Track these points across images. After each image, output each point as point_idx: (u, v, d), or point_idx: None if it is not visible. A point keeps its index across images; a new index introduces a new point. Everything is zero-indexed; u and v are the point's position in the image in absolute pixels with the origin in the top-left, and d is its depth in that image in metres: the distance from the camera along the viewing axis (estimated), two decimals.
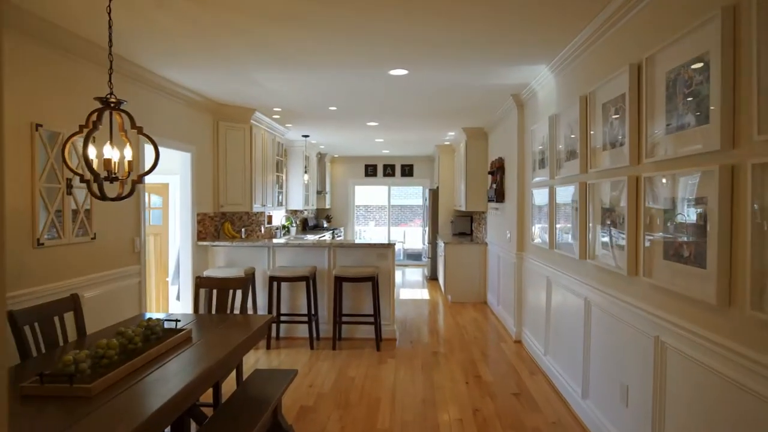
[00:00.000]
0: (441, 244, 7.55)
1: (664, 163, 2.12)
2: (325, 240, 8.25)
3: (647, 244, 2.25)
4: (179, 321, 2.63)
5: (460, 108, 5.56)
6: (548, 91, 4.01)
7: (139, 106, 3.96)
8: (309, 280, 4.78)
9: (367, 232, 13.73)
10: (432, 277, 9.07)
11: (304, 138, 7.95)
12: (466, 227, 8.46)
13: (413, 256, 12.50)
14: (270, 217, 7.49)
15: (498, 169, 5.68)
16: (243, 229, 6.30)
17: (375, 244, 4.98)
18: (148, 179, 6.00)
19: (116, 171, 2.18)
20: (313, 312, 5.03)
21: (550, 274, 3.90)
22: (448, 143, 8.64)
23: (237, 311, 3.44)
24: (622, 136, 2.50)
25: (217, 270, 4.85)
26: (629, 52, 2.48)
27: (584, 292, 3.11)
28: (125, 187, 2.21)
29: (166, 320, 2.64)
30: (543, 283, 4.11)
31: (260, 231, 7.02)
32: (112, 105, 2.11)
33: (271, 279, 4.80)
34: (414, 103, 5.31)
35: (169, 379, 1.99)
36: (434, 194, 9.10)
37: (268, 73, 4.07)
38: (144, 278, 4.01)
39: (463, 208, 7.34)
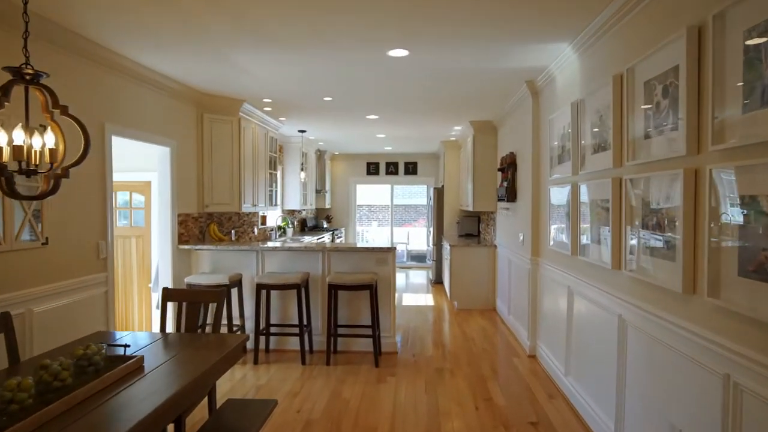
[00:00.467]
0: (446, 247, 7.07)
1: (740, 151, 1.63)
2: (323, 242, 7.81)
3: (712, 254, 1.76)
4: (128, 346, 2.16)
5: (467, 98, 5.07)
6: (570, 74, 3.51)
7: (105, 94, 3.50)
8: (300, 288, 4.31)
9: (370, 233, 13.25)
10: (437, 281, 8.59)
11: (300, 133, 7.48)
12: (474, 228, 7.97)
13: (417, 258, 12.02)
14: (264, 218, 7.03)
15: (509, 166, 5.19)
16: (233, 231, 5.84)
17: (373, 248, 4.50)
18: (127, 177, 5.57)
19: (36, 162, 1.72)
20: (305, 323, 4.57)
21: (572, 284, 3.41)
22: (453, 139, 8.14)
23: (221, 328, 2.96)
24: (675, 119, 2.01)
25: (200, 276, 4.39)
26: (687, 12, 1.99)
27: (617, 309, 2.62)
28: (50, 182, 1.75)
29: (112, 345, 2.18)
30: (563, 293, 3.62)
31: (253, 233, 6.56)
32: (27, 78, 1.65)
33: (259, 287, 4.34)
34: (416, 92, 4.83)
35: (100, 427, 1.53)
36: (439, 193, 8.62)
37: (255, 55, 3.60)
38: (111, 288, 3.55)
39: (470, 208, 6.85)
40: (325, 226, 9.95)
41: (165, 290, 2.92)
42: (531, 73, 4.12)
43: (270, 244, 5.03)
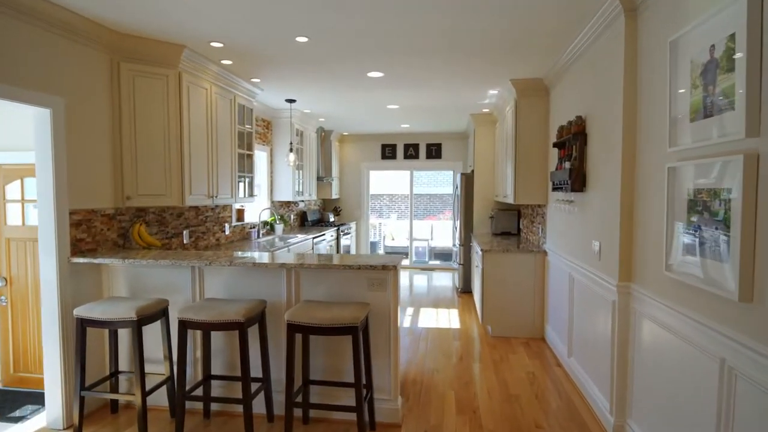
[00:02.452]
0: (477, 251, 5.37)
1: None
2: (324, 240, 6.19)
3: None
4: None
5: (507, 39, 3.33)
6: None
7: None
8: (244, 326, 2.73)
9: (388, 227, 11.61)
10: (465, 290, 6.89)
11: (288, 104, 5.88)
12: (512, 225, 6.22)
13: (442, 256, 10.34)
14: (241, 212, 5.49)
15: (573, 138, 3.44)
16: (186, 233, 4.31)
17: (364, 266, 2.85)
18: (11, 158, 4.00)
19: None
20: (262, 375, 3.01)
21: (734, 356, 1.69)
22: (487, 111, 6.37)
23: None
24: None
25: (97, 307, 2.87)
26: None
27: None
28: None
29: None
30: (702, 365, 1.91)
31: (222, 232, 5.03)
32: None
33: (182, 325, 2.78)
34: (432, 34, 3.13)
35: None
36: (468, 180, 6.89)
37: None
38: None
39: (509, 200, 5.12)
40: (331, 219, 8.38)
41: None
42: None
43: (240, 253, 3.49)
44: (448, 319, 5.52)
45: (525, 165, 4.73)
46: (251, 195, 5.03)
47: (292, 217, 7.25)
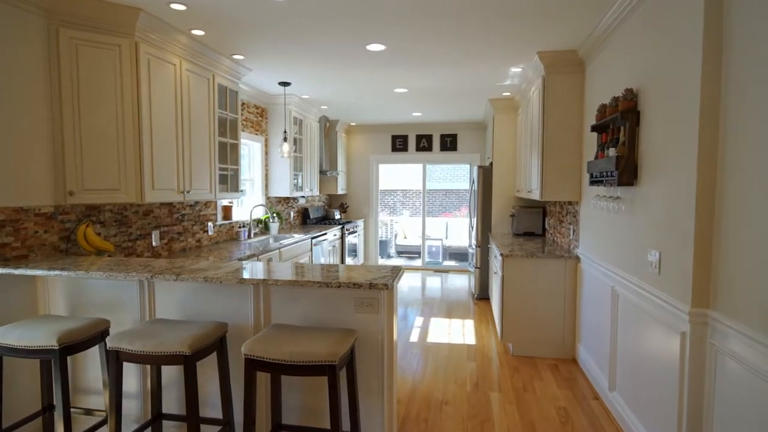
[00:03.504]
0: (496, 255, 4.66)
1: None
2: (325, 240, 5.50)
3: None
4: None
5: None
6: None
7: None
8: (190, 360, 2.09)
9: (400, 224, 10.93)
10: (482, 296, 6.18)
11: (282, 87, 5.23)
12: (536, 224, 5.48)
13: (458, 256, 9.62)
14: (228, 210, 4.88)
15: (622, 117, 2.70)
16: (155, 234, 3.71)
17: (346, 284, 2.18)
18: None
19: None
20: (222, 416, 2.39)
21: None
22: (507, 95, 5.63)
23: None
24: None
25: (21, 328, 2.27)
26: None
27: None
28: None
29: None
30: None
31: (205, 232, 4.43)
32: None
33: (113, 355, 2.16)
34: None
35: None
36: (486, 174, 6.16)
37: None
38: None
39: (534, 196, 4.39)
40: (337, 217, 7.75)
41: None
42: None
43: (209, 261, 2.89)
44: (462, 332, 4.82)
45: (554, 155, 3.99)
46: (237, 190, 4.41)
47: (291, 214, 6.63)
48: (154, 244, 3.71)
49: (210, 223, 4.55)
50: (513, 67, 4.39)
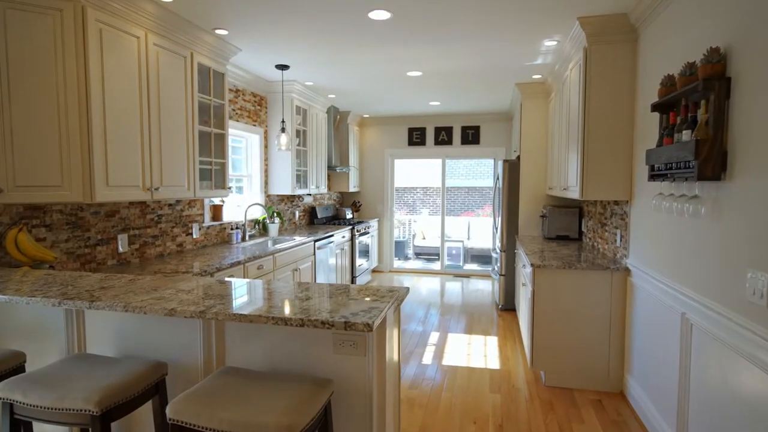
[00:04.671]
0: (525, 264, 3.96)
1: None
2: (330, 242, 4.80)
3: None
4: None
5: None
6: None
7: None
8: (98, 424, 1.51)
9: (419, 223, 10.26)
10: (507, 307, 5.49)
11: (280, 71, 4.64)
12: (570, 227, 4.75)
13: (480, 259, 8.91)
14: (218, 209, 4.34)
15: (704, 88, 1.98)
16: (121, 238, 3.18)
17: (311, 322, 1.56)
18: None
19: None
20: None
21: None
22: (538, 78, 4.91)
23: None
24: None
25: None
26: None
27: None
28: None
29: None
30: None
31: (190, 234, 3.90)
32: None
33: (6, 408, 1.60)
34: None
35: None
36: (512, 169, 5.45)
37: None
38: None
39: (571, 195, 3.68)
40: (349, 216, 7.16)
41: None
42: None
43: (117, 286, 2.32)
44: (484, 351, 4.15)
45: (598, 145, 3.28)
46: (223, 187, 3.85)
47: (297, 214, 6.07)
48: (120, 250, 3.18)
49: (195, 225, 4.01)
50: (547, 41, 3.68)
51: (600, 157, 3.27)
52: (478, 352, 4.14)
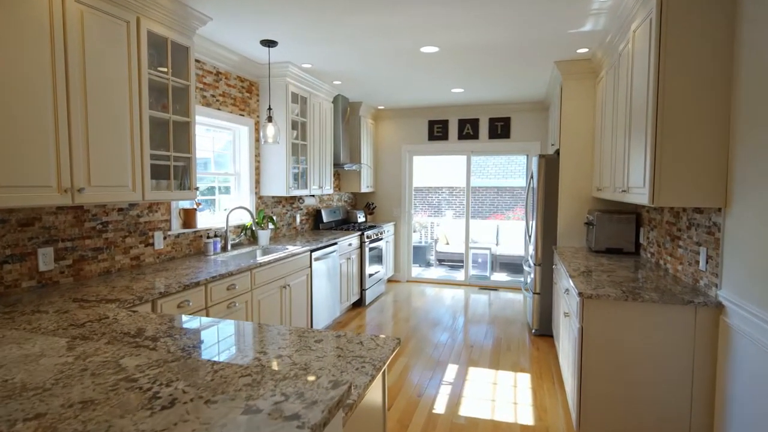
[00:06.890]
0: (568, 288, 3.07)
1: None
2: (333, 252, 3.88)
3: None
4: None
5: None
6: None
7: None
8: None
9: (441, 227, 9.38)
10: (542, 333, 4.58)
11: (266, 48, 3.89)
12: (625, 238, 3.81)
13: (511, 268, 7.98)
14: (190, 214, 3.62)
15: None
16: (42, 253, 2.49)
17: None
18: None
19: None
20: None
21: None
22: (584, 52, 3.98)
23: None
24: None
25: None
26: None
27: None
28: None
29: None
30: None
31: (151, 245, 3.19)
32: None
33: None
34: None
35: None
36: (549, 165, 4.53)
37: None
38: None
39: (637, 199, 2.77)
40: (360, 220, 6.38)
41: None
42: None
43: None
44: (514, 396, 3.28)
45: (677, 133, 2.36)
46: (188, 187, 3.12)
47: (298, 217, 5.32)
48: (42, 268, 2.48)
49: (158, 234, 3.30)
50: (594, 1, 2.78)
51: (679, 150, 2.36)
52: (506, 396, 3.27)
